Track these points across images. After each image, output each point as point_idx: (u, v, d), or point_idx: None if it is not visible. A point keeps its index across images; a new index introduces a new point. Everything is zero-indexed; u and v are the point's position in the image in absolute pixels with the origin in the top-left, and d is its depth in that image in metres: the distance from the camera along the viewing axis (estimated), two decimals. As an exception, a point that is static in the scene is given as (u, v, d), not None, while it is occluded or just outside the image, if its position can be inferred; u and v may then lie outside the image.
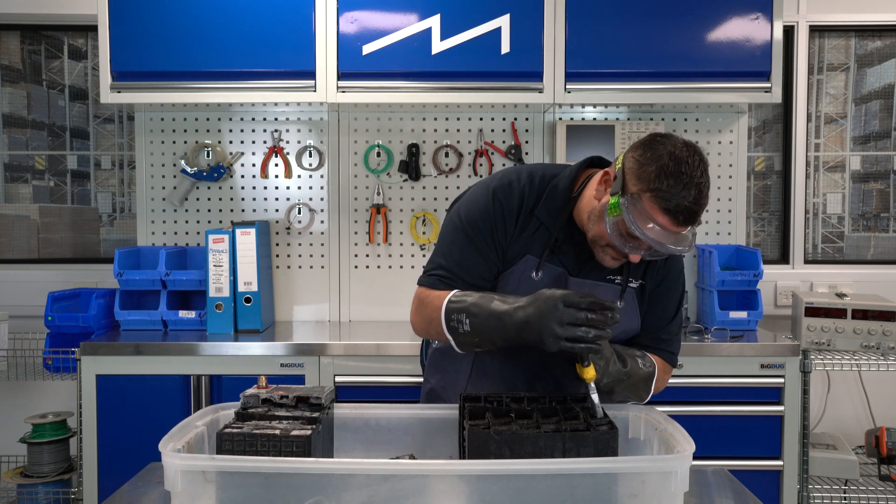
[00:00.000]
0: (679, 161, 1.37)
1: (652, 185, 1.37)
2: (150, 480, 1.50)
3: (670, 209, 1.37)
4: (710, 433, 2.65)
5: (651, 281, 1.63)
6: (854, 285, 3.29)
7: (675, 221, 1.38)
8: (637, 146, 1.44)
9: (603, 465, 1.19)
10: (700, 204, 1.38)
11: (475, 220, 1.58)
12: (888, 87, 3.52)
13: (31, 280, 3.28)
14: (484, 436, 1.27)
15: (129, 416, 2.64)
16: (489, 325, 1.43)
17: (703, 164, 1.39)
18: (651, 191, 1.38)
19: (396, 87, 2.85)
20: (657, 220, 1.38)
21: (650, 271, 1.63)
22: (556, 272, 1.58)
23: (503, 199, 1.57)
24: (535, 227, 1.58)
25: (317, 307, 3.24)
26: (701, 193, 1.38)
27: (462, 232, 1.58)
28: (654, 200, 1.38)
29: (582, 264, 1.59)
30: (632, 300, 1.62)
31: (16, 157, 3.57)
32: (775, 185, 3.51)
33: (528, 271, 1.57)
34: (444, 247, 1.61)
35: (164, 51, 2.82)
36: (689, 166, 1.37)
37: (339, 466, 1.21)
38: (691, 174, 1.36)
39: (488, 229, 1.57)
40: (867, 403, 3.28)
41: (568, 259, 1.58)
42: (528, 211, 1.57)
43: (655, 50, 2.85)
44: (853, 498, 2.82)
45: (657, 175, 1.37)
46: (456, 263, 1.58)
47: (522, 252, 1.58)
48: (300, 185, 3.22)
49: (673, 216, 1.38)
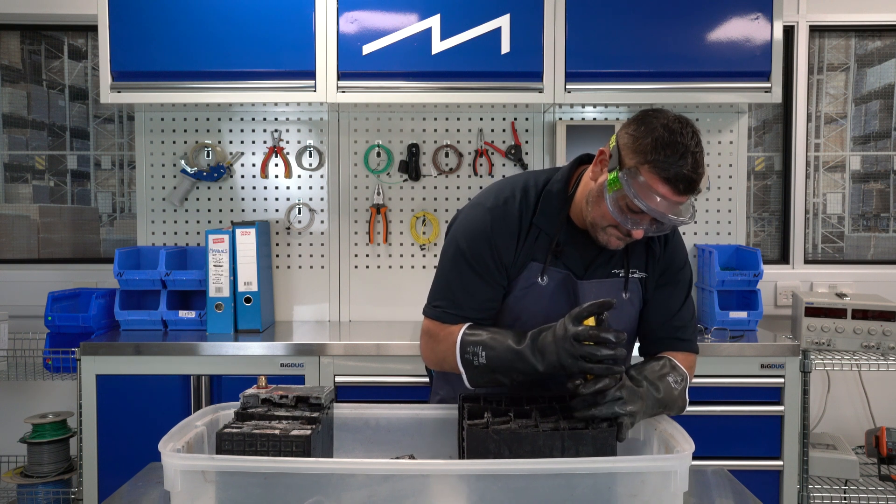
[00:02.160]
0: (673, 132, 1.40)
1: (649, 156, 1.40)
2: (150, 480, 1.50)
3: (670, 178, 1.39)
4: (710, 433, 2.64)
5: (653, 272, 1.64)
6: (854, 285, 3.29)
7: (676, 190, 1.41)
8: (630, 122, 1.47)
9: (602, 464, 1.19)
10: (698, 172, 1.41)
11: (476, 247, 1.57)
12: (888, 87, 3.52)
13: (31, 280, 3.28)
14: (483, 435, 1.27)
15: (129, 416, 2.64)
16: (507, 357, 1.44)
17: (696, 135, 1.43)
18: (649, 162, 1.40)
19: (396, 87, 2.85)
20: (658, 191, 1.40)
21: (651, 262, 1.64)
22: (561, 275, 1.58)
23: (501, 218, 1.58)
24: (536, 235, 1.58)
25: (317, 307, 3.24)
26: (697, 162, 1.41)
27: (463, 260, 1.58)
28: (652, 171, 1.40)
29: (586, 265, 1.59)
30: (637, 291, 1.63)
31: (16, 157, 3.57)
32: (775, 185, 3.51)
33: (534, 277, 1.58)
34: (447, 277, 1.60)
35: (164, 51, 2.82)
36: (684, 136, 1.40)
37: (338, 466, 1.21)
38: (686, 143, 1.40)
39: (489, 253, 1.57)
40: (867, 403, 3.28)
41: (572, 261, 1.59)
42: (528, 223, 1.58)
43: (655, 50, 2.85)
44: (853, 498, 2.82)
45: (653, 146, 1.40)
46: (461, 294, 1.58)
47: (527, 260, 1.58)
48: (300, 185, 3.22)
49: (673, 185, 1.40)
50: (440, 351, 1.57)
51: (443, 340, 1.57)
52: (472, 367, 1.49)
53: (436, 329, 1.60)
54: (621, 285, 1.61)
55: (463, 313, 1.57)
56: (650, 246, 1.64)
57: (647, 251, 1.64)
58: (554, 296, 1.58)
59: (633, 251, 1.62)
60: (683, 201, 1.43)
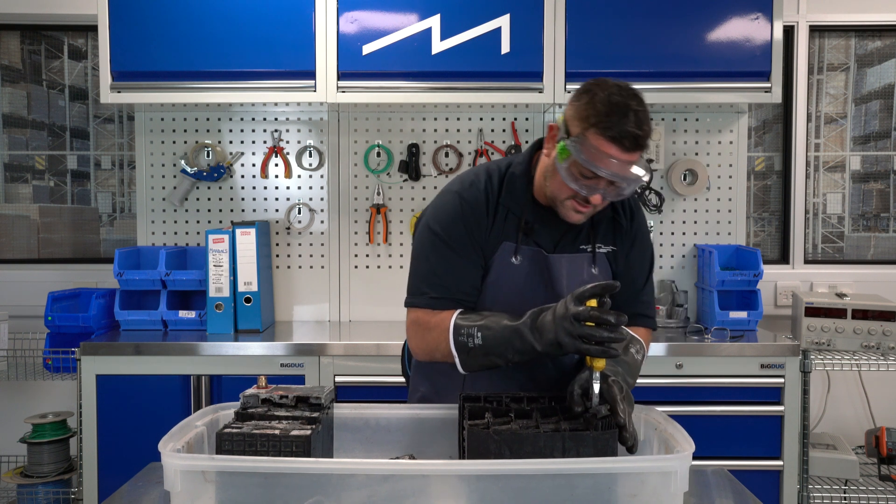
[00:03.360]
0: (613, 94, 1.44)
1: (592, 120, 1.44)
2: (150, 480, 1.50)
3: (615, 136, 1.43)
4: (710, 433, 2.64)
5: (621, 246, 1.67)
6: (854, 285, 3.29)
7: (623, 147, 1.43)
8: (574, 95, 1.51)
9: (603, 464, 1.19)
10: (643, 129, 1.44)
11: (451, 228, 1.61)
12: (888, 87, 3.52)
13: (31, 280, 3.28)
14: (483, 435, 1.27)
15: (129, 416, 2.64)
16: (504, 335, 1.45)
17: (637, 96, 1.46)
18: (593, 125, 1.44)
19: (396, 87, 2.85)
20: (605, 151, 1.44)
21: (619, 236, 1.67)
22: (533, 252, 1.62)
23: (471, 199, 1.61)
24: (504, 216, 1.62)
25: (317, 307, 3.24)
26: (640, 119, 1.43)
27: (442, 243, 1.61)
28: (598, 132, 1.44)
29: (555, 241, 1.64)
30: (604, 266, 1.66)
31: (16, 157, 3.57)
32: (775, 185, 3.51)
33: (507, 257, 1.62)
34: (429, 264, 1.62)
35: (164, 51, 2.82)
36: (624, 97, 1.44)
37: (338, 466, 1.21)
38: (627, 103, 1.43)
39: (465, 232, 1.60)
40: (867, 403, 3.28)
41: (542, 238, 1.63)
42: (495, 203, 1.62)
43: (655, 50, 2.85)
44: (853, 498, 2.82)
45: (595, 111, 1.44)
46: (447, 276, 1.60)
47: (499, 241, 1.62)
48: (300, 185, 3.22)
49: (619, 143, 1.43)
50: (432, 339, 1.58)
51: (434, 328, 1.57)
52: (466, 349, 1.50)
53: (426, 318, 1.60)
54: (589, 260, 1.64)
55: (452, 295, 1.58)
56: (616, 220, 1.67)
57: (613, 226, 1.67)
58: (528, 274, 1.62)
59: (600, 226, 1.66)
60: (633, 159, 1.46)
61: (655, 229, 3.22)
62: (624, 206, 1.69)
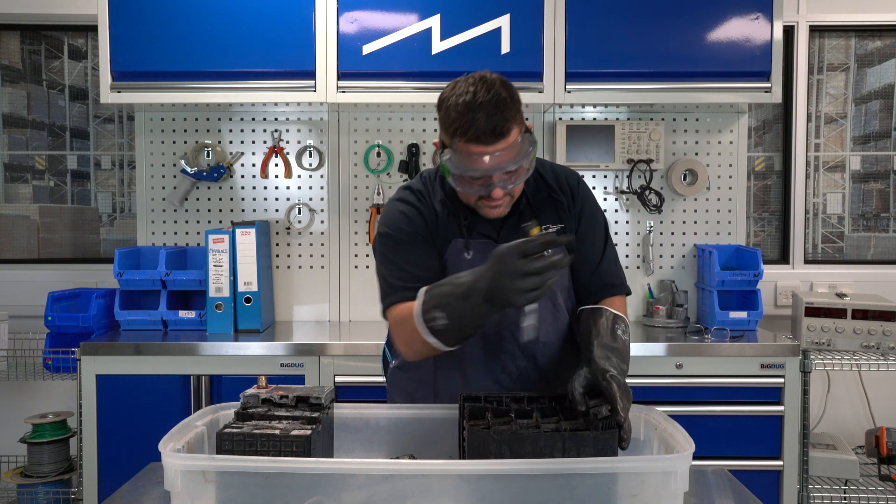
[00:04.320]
0: (460, 95, 1.46)
1: (451, 129, 1.47)
2: (150, 480, 1.50)
3: (472, 137, 1.45)
4: (710, 433, 2.65)
5: (569, 223, 1.67)
6: (854, 285, 3.29)
7: (486, 143, 1.45)
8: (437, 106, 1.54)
9: (603, 464, 1.19)
10: (495, 118, 1.44)
11: (399, 227, 1.64)
12: (888, 87, 3.52)
13: (31, 280, 3.28)
14: (484, 435, 1.27)
15: (129, 416, 2.64)
16: (461, 309, 1.39)
17: (486, 84, 1.46)
18: (453, 134, 1.47)
19: (396, 87, 2.85)
20: (473, 152, 1.46)
21: (562, 213, 1.67)
22: (482, 244, 1.63)
23: (411, 200, 1.66)
24: (446, 215, 1.65)
25: (317, 307, 3.24)
26: (490, 109, 1.43)
27: (394, 242, 1.64)
28: (459, 139, 1.47)
29: (497, 230, 1.65)
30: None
31: (16, 157, 3.57)
32: (775, 185, 3.51)
33: (459, 254, 1.63)
34: (388, 266, 1.63)
35: (164, 51, 2.82)
36: (471, 94, 1.45)
37: (339, 466, 1.21)
38: (473, 99, 1.44)
39: (413, 229, 1.63)
40: (867, 403, 3.28)
41: (486, 229, 1.65)
42: (432, 205, 1.65)
43: (655, 50, 2.85)
44: (853, 498, 2.82)
45: (450, 119, 1.47)
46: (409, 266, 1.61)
47: (448, 239, 1.64)
48: (300, 185, 3.22)
49: (478, 140, 1.45)
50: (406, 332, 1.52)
51: (405, 321, 1.51)
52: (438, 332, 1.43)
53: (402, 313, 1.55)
54: None
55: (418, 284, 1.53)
56: (552, 196, 1.68)
57: (551, 202, 1.67)
58: None
59: (539, 207, 1.66)
60: (502, 147, 1.46)
61: (655, 229, 3.22)
62: (561, 183, 1.69)
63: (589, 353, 1.46)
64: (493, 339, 1.65)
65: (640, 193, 3.16)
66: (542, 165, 1.72)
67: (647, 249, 3.20)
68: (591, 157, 3.10)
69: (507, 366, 1.66)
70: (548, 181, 1.69)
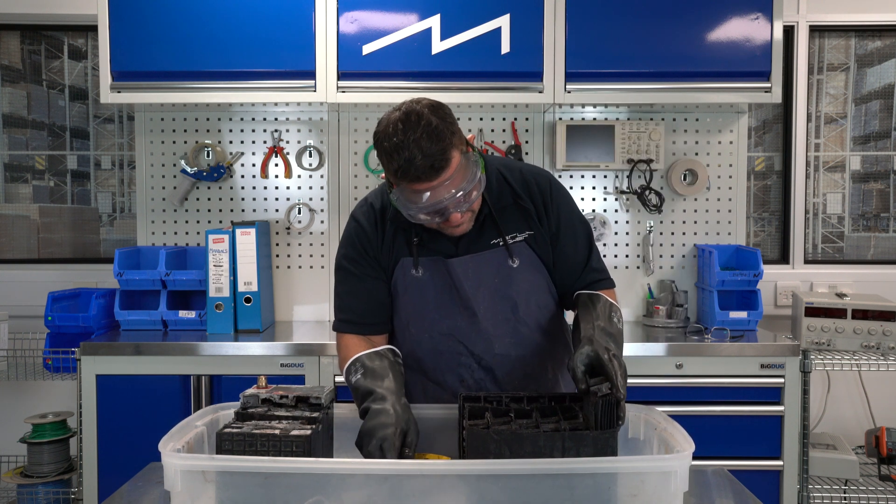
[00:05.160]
0: (389, 137, 1.43)
1: (389, 171, 1.45)
2: (150, 480, 1.50)
3: (412, 177, 1.42)
4: (710, 433, 2.64)
5: (540, 229, 1.64)
6: (854, 285, 3.29)
7: (425, 179, 1.42)
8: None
9: (603, 464, 1.19)
10: (429, 153, 1.40)
11: (349, 251, 1.67)
12: (888, 87, 3.52)
13: (31, 280, 3.28)
14: (483, 435, 1.27)
15: (129, 416, 2.64)
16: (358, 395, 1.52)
17: (417, 120, 1.42)
18: (392, 175, 1.45)
19: (396, 87, 2.85)
20: (415, 190, 1.44)
21: (531, 220, 1.64)
22: (432, 262, 1.62)
23: (359, 216, 1.68)
24: (394, 232, 1.63)
25: (317, 307, 3.24)
26: (422, 145, 1.40)
27: (343, 270, 1.68)
28: (399, 180, 1.45)
29: (456, 244, 1.62)
30: (526, 254, 1.63)
31: (16, 157, 3.57)
32: (775, 185, 3.51)
33: (408, 272, 1.63)
34: (337, 290, 1.69)
35: (164, 51, 2.82)
36: (403, 133, 1.41)
37: (339, 466, 1.21)
38: (402, 140, 1.41)
39: (359, 252, 1.65)
40: (867, 403, 3.28)
41: (440, 245, 1.62)
42: (383, 221, 1.64)
43: (655, 50, 2.85)
44: (853, 498, 2.82)
45: (388, 162, 1.44)
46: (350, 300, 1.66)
47: (397, 258, 1.64)
48: (300, 185, 3.22)
49: (418, 179, 1.42)
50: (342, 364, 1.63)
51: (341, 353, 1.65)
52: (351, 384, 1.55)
53: (340, 341, 1.67)
54: (504, 254, 1.62)
55: (356, 319, 1.65)
56: (519, 205, 1.64)
57: (518, 210, 1.64)
58: (433, 284, 1.62)
59: (504, 216, 1.63)
60: (446, 178, 1.44)
61: (655, 229, 3.22)
62: (530, 188, 1.65)
63: (590, 333, 1.48)
64: (448, 353, 1.65)
65: (640, 193, 3.16)
66: (508, 169, 1.67)
67: (647, 249, 3.20)
68: (591, 157, 3.10)
69: (464, 378, 1.65)
70: (514, 187, 1.64)
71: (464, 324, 1.63)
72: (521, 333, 1.65)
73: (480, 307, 1.62)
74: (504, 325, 1.64)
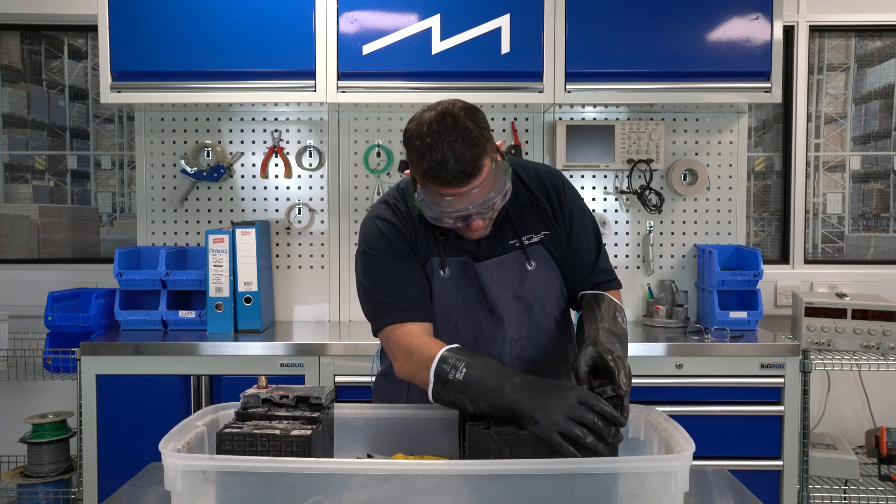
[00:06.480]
0: (423, 137, 1.40)
1: (418, 172, 1.43)
2: (150, 480, 1.50)
3: (444, 181, 1.40)
4: (710, 433, 2.65)
5: (555, 229, 1.63)
6: (854, 285, 3.29)
7: (456, 185, 1.41)
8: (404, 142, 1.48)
9: (603, 465, 1.19)
10: (463, 158, 1.38)
11: (380, 244, 1.59)
12: (888, 87, 3.52)
13: (31, 280, 3.28)
14: (484, 436, 1.27)
15: (129, 416, 2.64)
16: (488, 381, 1.33)
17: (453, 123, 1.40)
18: (421, 176, 1.43)
19: (396, 87, 2.85)
20: (443, 193, 1.43)
21: (547, 220, 1.63)
22: (460, 262, 1.61)
23: (386, 216, 1.61)
24: (424, 231, 1.60)
25: (317, 307, 3.24)
26: (456, 150, 1.38)
27: (379, 261, 1.58)
28: (429, 182, 1.42)
29: (478, 246, 1.61)
30: (542, 257, 1.63)
31: (16, 157, 3.57)
32: (775, 185, 3.51)
33: (436, 272, 1.61)
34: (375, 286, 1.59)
35: (164, 51, 2.82)
36: (437, 135, 1.39)
37: (339, 466, 1.21)
38: (438, 141, 1.39)
39: (393, 248, 1.59)
40: (867, 403, 3.28)
41: (466, 245, 1.61)
42: (410, 220, 1.60)
43: (655, 50, 2.85)
44: (853, 498, 2.82)
45: (418, 162, 1.42)
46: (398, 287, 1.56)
47: (426, 257, 1.61)
48: (300, 185, 3.22)
49: (449, 183, 1.41)
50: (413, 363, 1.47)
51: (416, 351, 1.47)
52: (443, 380, 1.38)
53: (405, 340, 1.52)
54: (521, 257, 1.61)
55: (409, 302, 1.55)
56: (536, 205, 1.63)
57: (534, 210, 1.63)
58: (459, 285, 1.61)
59: (521, 217, 1.62)
60: (472, 186, 1.42)
61: (655, 229, 3.22)
62: (546, 188, 1.64)
63: (595, 334, 1.47)
64: None
65: (640, 193, 3.16)
66: (523, 170, 1.66)
67: (647, 249, 3.20)
68: (591, 157, 3.10)
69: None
70: (530, 188, 1.63)
71: (490, 327, 1.62)
72: (536, 336, 1.65)
73: (505, 312, 1.62)
74: (522, 329, 1.64)
